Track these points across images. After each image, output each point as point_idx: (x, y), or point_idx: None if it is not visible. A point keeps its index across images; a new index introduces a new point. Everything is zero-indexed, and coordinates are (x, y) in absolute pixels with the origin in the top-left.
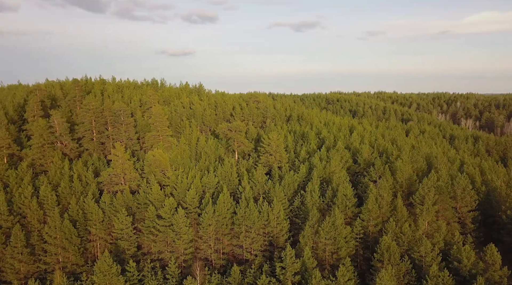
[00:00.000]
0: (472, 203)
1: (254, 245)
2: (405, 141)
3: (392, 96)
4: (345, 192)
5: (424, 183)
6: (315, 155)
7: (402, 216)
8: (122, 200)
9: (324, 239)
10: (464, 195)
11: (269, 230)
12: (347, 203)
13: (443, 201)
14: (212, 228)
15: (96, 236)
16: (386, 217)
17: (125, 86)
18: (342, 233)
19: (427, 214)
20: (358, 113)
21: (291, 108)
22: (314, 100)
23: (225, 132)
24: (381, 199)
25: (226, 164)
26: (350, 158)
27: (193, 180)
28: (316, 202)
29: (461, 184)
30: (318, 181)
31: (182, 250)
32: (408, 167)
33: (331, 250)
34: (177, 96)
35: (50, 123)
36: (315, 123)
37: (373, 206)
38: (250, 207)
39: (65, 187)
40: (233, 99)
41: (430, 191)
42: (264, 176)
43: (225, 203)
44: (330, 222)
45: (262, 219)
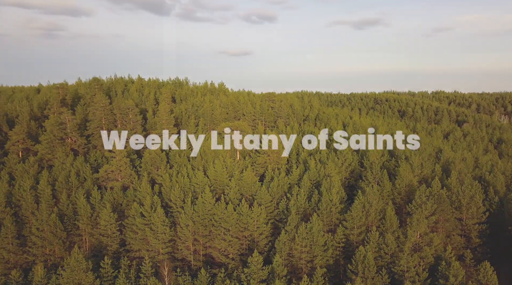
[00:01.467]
0: (480, 214)
1: (230, 249)
2: (431, 144)
3: (450, 96)
4: (331, 197)
5: (421, 190)
6: (311, 157)
7: (390, 226)
8: (111, 196)
9: (299, 246)
10: (470, 205)
11: (248, 234)
12: (332, 209)
13: (443, 211)
14: (190, 228)
15: (84, 231)
16: (373, 225)
17: (150, 85)
18: (319, 241)
19: (419, 224)
20: (407, 114)
21: (312, 108)
22: (362, 99)
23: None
24: (369, 206)
25: (217, 164)
26: (357, 161)
27: (182, 178)
28: (301, 207)
29: (467, 193)
30: (308, 184)
31: (159, 249)
32: (408, 173)
33: (307, 258)
34: (194, 95)
35: (61, 120)
36: (332, 124)
37: (357, 213)
38: (228, 209)
39: (62, 182)
40: (257, 99)
41: (429, 200)
42: (254, 177)
43: (205, 204)
44: (308, 228)
45: (241, 222)
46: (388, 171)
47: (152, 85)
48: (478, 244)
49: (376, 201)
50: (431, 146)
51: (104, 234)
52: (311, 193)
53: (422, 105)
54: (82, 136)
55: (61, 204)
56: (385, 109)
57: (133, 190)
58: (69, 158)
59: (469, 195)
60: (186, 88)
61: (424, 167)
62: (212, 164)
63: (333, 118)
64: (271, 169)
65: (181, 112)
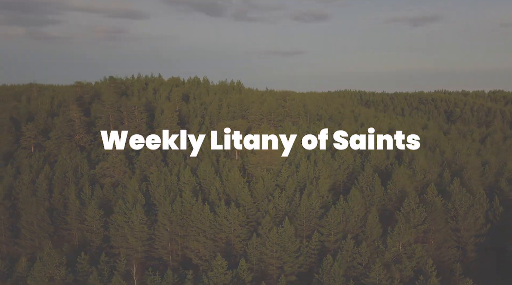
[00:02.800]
0: (478, 226)
1: (204, 250)
2: (448, 146)
3: (508, 96)
4: (311, 201)
5: (410, 197)
6: (303, 158)
7: (370, 234)
8: (101, 193)
9: (270, 251)
10: (467, 216)
11: (224, 236)
12: (311, 213)
13: (435, 220)
14: (167, 227)
15: (72, 225)
16: (354, 232)
17: (167, 84)
18: (290, 247)
19: (400, 233)
20: (454, 114)
21: (328, 106)
22: (406, 99)
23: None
24: (349, 212)
25: (205, 163)
26: (357, 163)
27: (170, 177)
28: (282, 210)
29: (465, 202)
30: (293, 187)
31: (138, 247)
32: (404, 177)
33: (277, 264)
34: (209, 94)
35: (70, 117)
36: (343, 123)
37: (334, 219)
38: (204, 210)
39: (59, 177)
40: (272, 97)
41: (419, 207)
42: (241, 178)
43: (183, 203)
44: (279, 233)
45: (217, 223)
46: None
47: (169, 84)
48: (474, 258)
49: (358, 206)
50: (450, 148)
51: (88, 230)
52: (293, 196)
53: (473, 105)
54: (89, 133)
55: (53, 198)
56: (430, 110)
57: (122, 187)
58: (70, 154)
59: (467, 204)
60: (203, 87)
61: (428, 171)
62: (201, 162)
63: (345, 118)
64: (260, 169)
65: (188, 111)
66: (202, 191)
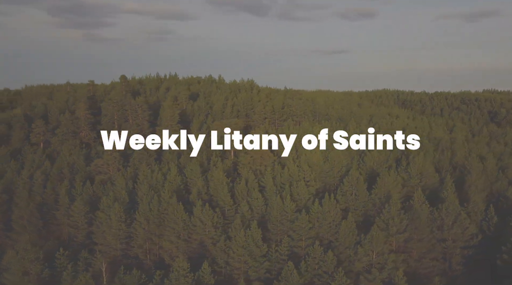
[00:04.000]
0: (467, 237)
1: (176, 251)
2: (461, 149)
3: None
4: (286, 204)
5: (392, 203)
6: (291, 159)
7: (344, 241)
8: (91, 189)
9: (236, 255)
10: (454, 225)
11: (198, 237)
12: (284, 217)
13: (417, 229)
14: (143, 226)
15: (61, 221)
16: (327, 239)
17: (180, 83)
18: (256, 251)
19: (372, 242)
20: (499, 115)
21: (341, 106)
22: (447, 99)
23: (220, 129)
24: (322, 217)
25: (193, 162)
26: (354, 165)
27: (155, 175)
28: (258, 213)
29: (452, 210)
30: (274, 189)
31: (115, 245)
32: (394, 181)
33: (243, 269)
34: (216, 92)
35: (76, 115)
36: (351, 123)
37: (305, 224)
38: (179, 210)
39: (55, 173)
40: (281, 96)
41: (400, 214)
42: (225, 178)
43: (161, 202)
44: (247, 236)
45: (191, 224)
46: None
47: (182, 83)
48: (460, 271)
49: (333, 211)
50: (463, 151)
51: (73, 226)
52: (271, 198)
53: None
54: (93, 130)
55: (45, 193)
56: (473, 110)
57: (110, 184)
58: (71, 151)
59: (454, 213)
60: (213, 86)
61: (425, 176)
62: (191, 161)
63: (352, 118)
64: (247, 170)
65: (193, 109)
66: (186, 190)
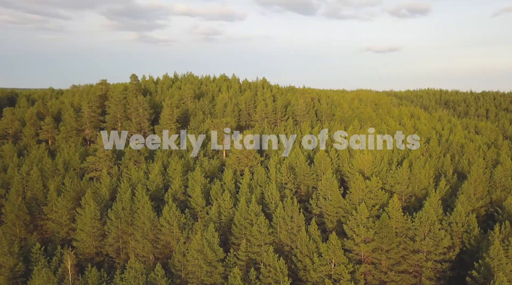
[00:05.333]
0: (441, 249)
1: (140, 251)
2: (474, 153)
3: None
4: (252, 207)
5: (360, 210)
6: (271, 159)
7: (302, 248)
8: (78, 186)
9: (192, 259)
10: (429, 236)
11: (163, 238)
12: (248, 220)
13: (387, 238)
14: (114, 224)
15: (48, 216)
16: (288, 245)
17: (195, 82)
18: (210, 255)
19: (329, 251)
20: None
21: (350, 106)
22: (495, 99)
23: (210, 129)
24: (283, 221)
25: (173, 163)
26: (345, 167)
27: (137, 173)
28: (228, 215)
29: (427, 219)
30: (247, 190)
31: (88, 242)
32: (373, 183)
33: (198, 273)
34: (225, 91)
35: (81, 113)
36: (354, 124)
37: (263, 229)
38: (146, 208)
39: (49, 168)
40: (285, 93)
41: (369, 222)
42: (203, 179)
43: (133, 201)
44: (203, 239)
45: (159, 224)
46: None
47: (194, 82)
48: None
49: (296, 216)
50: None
51: (57, 221)
52: (237, 201)
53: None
54: (96, 128)
55: (36, 189)
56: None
57: (95, 181)
58: (71, 148)
59: (429, 222)
60: (224, 85)
61: (412, 181)
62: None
63: (353, 118)
64: (230, 171)
65: (195, 109)
66: (166, 190)
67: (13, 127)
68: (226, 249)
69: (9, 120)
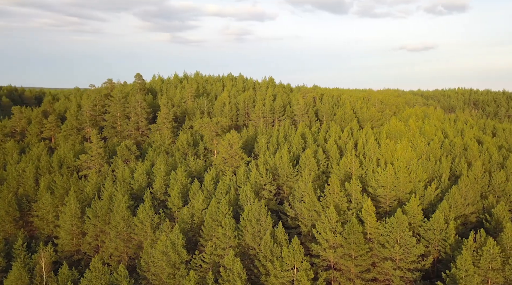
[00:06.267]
0: (413, 257)
1: (113, 250)
2: (477, 156)
3: None
4: (222, 209)
5: (328, 214)
6: (258, 160)
7: (265, 253)
8: (66, 183)
9: (157, 260)
10: (400, 242)
11: (136, 238)
12: (216, 222)
13: (355, 244)
14: (92, 222)
15: (37, 213)
16: (253, 247)
17: (199, 81)
18: (173, 257)
19: (290, 257)
20: None
21: (353, 106)
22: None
23: (201, 128)
24: (248, 224)
25: (157, 162)
26: (335, 170)
27: (123, 171)
28: (199, 217)
29: (399, 225)
30: (223, 191)
31: (67, 239)
32: (353, 186)
33: (162, 275)
34: (229, 90)
35: (82, 112)
36: (351, 123)
37: (230, 231)
38: (120, 208)
39: (44, 166)
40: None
41: (337, 227)
42: (184, 178)
43: (111, 199)
44: (167, 241)
45: (133, 225)
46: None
47: (198, 81)
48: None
49: (263, 218)
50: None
51: (43, 218)
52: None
53: None
54: (95, 127)
55: (28, 185)
56: None
57: (82, 179)
58: (68, 145)
59: (400, 228)
60: (230, 84)
61: (396, 184)
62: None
63: (351, 118)
64: (214, 171)
65: (193, 108)
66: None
67: (20, 125)
68: (201, 251)
69: (17, 118)
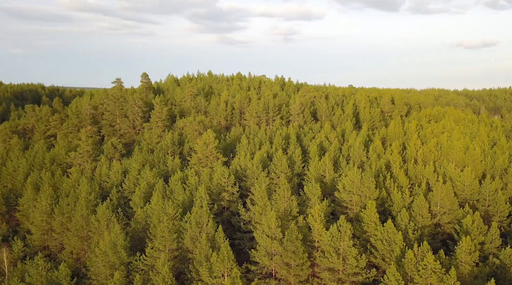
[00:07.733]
0: (355, 269)
1: (72, 247)
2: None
3: None
4: (173, 211)
5: (268, 219)
6: (232, 162)
7: (199, 256)
8: (52, 180)
9: (101, 261)
10: (342, 253)
11: (94, 236)
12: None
13: (295, 253)
14: (59, 219)
15: (22, 208)
16: (191, 251)
17: (204, 81)
18: (113, 258)
19: (220, 262)
20: None
21: (356, 107)
22: None
23: (185, 127)
24: (190, 226)
25: (135, 159)
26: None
27: (100, 170)
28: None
29: (338, 233)
30: (204, 192)
31: (36, 235)
32: (313, 189)
33: (105, 275)
34: (233, 89)
35: (84, 110)
36: (347, 125)
37: (168, 234)
38: (78, 206)
39: (37, 162)
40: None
41: (276, 234)
42: (151, 178)
43: (79, 198)
44: (109, 241)
45: (91, 223)
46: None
47: (203, 81)
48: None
49: (204, 221)
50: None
51: (24, 214)
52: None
53: None
54: (95, 125)
55: (17, 181)
56: None
57: (65, 176)
58: (65, 143)
59: (340, 237)
60: (235, 83)
61: (361, 189)
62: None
63: (349, 120)
64: (189, 171)
65: (190, 107)
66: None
67: (31, 123)
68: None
69: (29, 117)
